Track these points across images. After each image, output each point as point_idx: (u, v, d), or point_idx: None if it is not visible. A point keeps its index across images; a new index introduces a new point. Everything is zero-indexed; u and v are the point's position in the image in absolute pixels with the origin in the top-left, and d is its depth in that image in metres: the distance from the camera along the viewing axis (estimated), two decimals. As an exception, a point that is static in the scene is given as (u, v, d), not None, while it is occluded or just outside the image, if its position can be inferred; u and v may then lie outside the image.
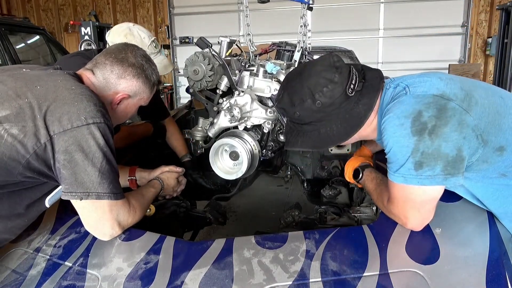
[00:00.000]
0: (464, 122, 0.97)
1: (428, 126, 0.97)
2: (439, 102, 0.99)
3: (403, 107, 1.02)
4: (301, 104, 1.12)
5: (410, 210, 1.06)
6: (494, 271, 0.93)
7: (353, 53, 3.92)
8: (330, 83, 1.09)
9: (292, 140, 1.22)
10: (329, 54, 1.20)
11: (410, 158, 0.99)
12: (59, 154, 0.99)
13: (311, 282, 0.96)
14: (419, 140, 0.97)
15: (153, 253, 1.09)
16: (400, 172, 1.02)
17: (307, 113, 1.13)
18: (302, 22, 1.79)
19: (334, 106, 1.11)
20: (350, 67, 1.15)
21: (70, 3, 8.60)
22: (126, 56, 1.21)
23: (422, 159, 0.98)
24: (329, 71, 1.11)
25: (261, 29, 5.90)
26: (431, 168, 0.98)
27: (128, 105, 1.27)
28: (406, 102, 1.03)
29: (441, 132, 0.96)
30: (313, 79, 1.11)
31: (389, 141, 1.03)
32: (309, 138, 1.17)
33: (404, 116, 1.00)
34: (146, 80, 1.25)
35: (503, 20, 5.02)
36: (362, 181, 1.39)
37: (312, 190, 2.16)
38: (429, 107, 0.99)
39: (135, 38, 1.82)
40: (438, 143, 0.97)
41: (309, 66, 1.17)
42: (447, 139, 0.97)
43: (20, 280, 1.06)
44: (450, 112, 0.98)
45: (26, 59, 5.20)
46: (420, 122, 0.98)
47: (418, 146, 0.98)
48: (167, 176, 1.54)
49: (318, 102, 1.10)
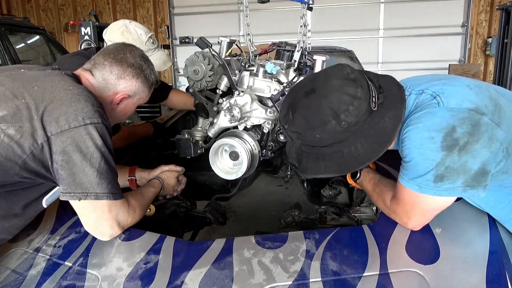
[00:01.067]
0: (495, 137, 0.94)
1: (460, 143, 0.93)
2: (473, 117, 0.94)
3: (435, 120, 0.96)
4: (323, 126, 0.98)
5: (416, 214, 1.05)
6: (494, 271, 0.93)
7: (353, 53, 3.92)
8: (355, 99, 0.96)
9: (311, 166, 1.06)
10: (340, 65, 1.08)
11: (433, 171, 0.96)
12: (57, 154, 0.99)
13: (311, 282, 0.96)
14: (446, 156, 0.94)
15: (153, 253, 1.09)
16: (416, 181, 0.99)
17: (330, 135, 0.99)
18: (302, 22, 1.79)
19: (359, 124, 0.98)
20: (366, 78, 1.04)
21: (70, 3, 8.60)
22: (125, 56, 1.21)
23: (444, 173, 0.95)
24: (349, 86, 0.98)
25: (261, 29, 5.89)
26: (452, 182, 0.95)
27: (127, 105, 1.27)
28: (440, 115, 0.96)
29: (471, 149, 0.93)
30: (334, 96, 0.98)
31: (413, 151, 0.98)
32: (332, 161, 1.03)
33: (436, 130, 0.95)
34: (145, 80, 1.25)
35: (503, 20, 5.02)
36: (359, 181, 1.39)
37: (312, 190, 2.16)
38: (464, 122, 0.94)
39: (132, 35, 1.81)
40: (466, 159, 0.94)
41: (321, 81, 1.03)
42: (475, 155, 0.94)
43: (20, 280, 1.06)
44: (483, 128, 0.94)
45: (26, 59, 5.20)
46: (452, 138, 0.93)
47: (445, 161, 0.94)
48: (167, 176, 1.54)
49: (344, 123, 0.96)
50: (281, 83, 1.53)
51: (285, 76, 1.54)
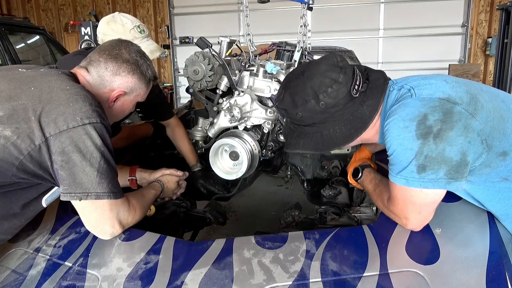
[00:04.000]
0: (470, 127, 0.96)
1: (434, 130, 0.96)
2: (445, 105, 0.98)
3: (408, 110, 1.01)
4: (304, 104, 1.09)
5: (411, 211, 1.05)
6: (494, 271, 0.93)
7: (353, 53, 3.92)
8: (335, 83, 1.06)
9: (293, 142, 1.19)
10: (332, 53, 1.17)
11: (414, 161, 0.98)
12: (56, 155, 0.99)
13: (311, 282, 0.96)
14: (423, 144, 0.96)
15: (153, 253, 1.09)
16: (402, 174, 1.01)
17: (310, 114, 1.10)
18: (302, 22, 1.79)
19: (338, 107, 1.07)
20: (353, 68, 1.12)
21: (70, 3, 8.59)
22: (120, 52, 1.20)
23: (425, 163, 0.97)
24: (333, 71, 1.07)
25: (261, 29, 5.89)
26: (434, 172, 0.97)
27: (124, 102, 1.25)
28: (412, 104, 1.02)
29: (446, 136, 0.96)
30: (317, 78, 1.08)
31: (393, 143, 1.02)
32: (311, 140, 1.15)
33: (409, 119, 0.99)
34: (141, 76, 1.23)
35: (503, 20, 5.02)
36: (361, 180, 1.39)
37: (312, 190, 2.16)
38: (435, 110, 0.98)
39: (117, 24, 1.82)
40: (443, 147, 0.96)
41: (312, 66, 1.14)
42: (452, 143, 0.96)
43: (20, 280, 1.06)
44: (456, 116, 0.96)
45: (26, 59, 5.20)
46: (425, 125, 0.97)
47: (422, 150, 0.97)
48: (168, 180, 1.54)
49: (322, 103, 1.07)
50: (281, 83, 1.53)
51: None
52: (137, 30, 1.84)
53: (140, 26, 1.88)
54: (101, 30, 1.85)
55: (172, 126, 2.01)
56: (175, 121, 2.03)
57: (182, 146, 1.98)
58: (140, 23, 1.90)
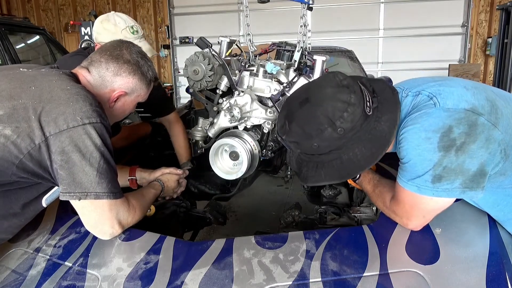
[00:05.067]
0: (492, 138, 0.94)
1: (457, 143, 0.93)
2: (470, 118, 0.95)
3: (432, 120, 0.97)
4: (320, 134, 0.99)
5: (416, 215, 1.05)
6: (494, 271, 0.93)
7: (353, 53, 3.91)
8: (349, 106, 0.98)
9: (312, 174, 1.08)
10: (331, 73, 1.09)
11: (430, 171, 0.96)
12: (56, 155, 0.99)
13: (311, 282, 0.96)
14: (444, 156, 0.94)
15: (153, 253, 1.09)
16: (415, 181, 1.00)
17: (328, 142, 1.01)
18: (302, 22, 1.79)
19: (356, 129, 1.00)
20: (358, 83, 1.05)
21: (70, 3, 8.59)
22: (121, 53, 1.20)
23: (442, 173, 0.95)
24: (342, 93, 1.00)
25: (261, 29, 5.89)
26: (450, 182, 0.96)
27: (125, 102, 1.26)
28: (436, 115, 0.97)
29: (468, 149, 0.93)
30: (328, 104, 0.99)
31: (411, 152, 0.99)
32: (332, 168, 1.05)
33: (433, 130, 0.95)
34: (142, 76, 1.24)
35: (503, 20, 5.02)
36: (359, 181, 1.39)
37: (312, 190, 2.16)
38: (461, 123, 0.94)
39: (110, 23, 1.83)
40: (463, 159, 0.94)
41: (315, 90, 1.05)
42: (472, 155, 0.94)
43: (20, 280, 1.06)
44: (480, 129, 0.94)
45: (26, 59, 5.20)
46: (449, 138, 0.94)
47: (442, 161, 0.94)
48: (168, 178, 1.54)
49: (339, 129, 0.98)
50: (281, 83, 1.53)
51: (285, 76, 1.54)
52: (130, 31, 1.84)
53: (134, 26, 1.88)
54: (95, 29, 1.87)
55: (170, 121, 2.00)
56: (174, 117, 2.02)
57: (177, 142, 1.97)
58: (135, 23, 1.90)
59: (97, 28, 1.86)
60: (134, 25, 1.88)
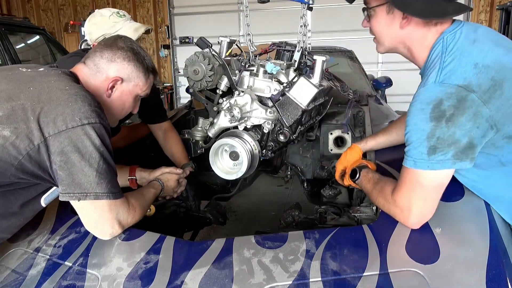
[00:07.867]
0: (479, 114, 1.01)
1: (446, 114, 1.01)
2: (460, 93, 1.01)
3: (427, 94, 1.06)
4: None
5: (416, 199, 1.07)
6: (494, 271, 0.93)
7: (353, 53, 3.91)
8: None
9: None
10: None
11: (425, 142, 1.03)
12: (55, 155, 0.99)
13: (311, 282, 0.96)
14: (436, 126, 1.01)
15: (153, 253, 1.09)
16: (412, 155, 1.06)
17: None
18: (302, 22, 1.79)
19: None
20: None
21: (70, 3, 8.60)
22: (115, 42, 1.22)
23: (436, 144, 1.02)
24: None
25: (261, 29, 5.88)
26: (444, 154, 1.02)
27: (123, 91, 1.23)
28: (431, 89, 1.06)
29: (458, 120, 1.00)
30: None
31: (409, 122, 1.08)
32: None
33: (426, 102, 1.04)
34: (138, 63, 1.22)
35: (503, 20, 5.03)
36: (359, 181, 1.39)
37: (312, 190, 2.16)
38: (450, 97, 1.02)
39: (96, 17, 1.85)
40: (453, 131, 1.00)
41: None
42: (462, 127, 1.00)
43: (20, 280, 1.06)
44: (469, 104, 1.01)
45: (26, 59, 5.20)
46: (439, 109, 1.01)
47: (435, 132, 1.02)
48: (168, 178, 1.54)
49: None
50: (281, 83, 1.53)
51: (285, 76, 1.54)
52: (117, 15, 1.85)
53: (120, 12, 1.89)
54: (86, 31, 1.88)
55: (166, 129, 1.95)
56: (169, 124, 1.97)
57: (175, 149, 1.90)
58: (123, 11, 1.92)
59: (87, 28, 1.88)
60: (120, 11, 1.90)
